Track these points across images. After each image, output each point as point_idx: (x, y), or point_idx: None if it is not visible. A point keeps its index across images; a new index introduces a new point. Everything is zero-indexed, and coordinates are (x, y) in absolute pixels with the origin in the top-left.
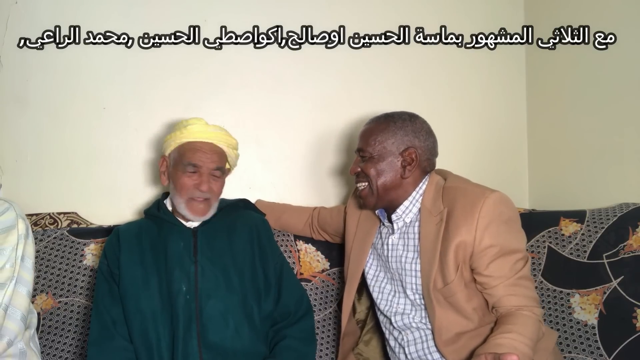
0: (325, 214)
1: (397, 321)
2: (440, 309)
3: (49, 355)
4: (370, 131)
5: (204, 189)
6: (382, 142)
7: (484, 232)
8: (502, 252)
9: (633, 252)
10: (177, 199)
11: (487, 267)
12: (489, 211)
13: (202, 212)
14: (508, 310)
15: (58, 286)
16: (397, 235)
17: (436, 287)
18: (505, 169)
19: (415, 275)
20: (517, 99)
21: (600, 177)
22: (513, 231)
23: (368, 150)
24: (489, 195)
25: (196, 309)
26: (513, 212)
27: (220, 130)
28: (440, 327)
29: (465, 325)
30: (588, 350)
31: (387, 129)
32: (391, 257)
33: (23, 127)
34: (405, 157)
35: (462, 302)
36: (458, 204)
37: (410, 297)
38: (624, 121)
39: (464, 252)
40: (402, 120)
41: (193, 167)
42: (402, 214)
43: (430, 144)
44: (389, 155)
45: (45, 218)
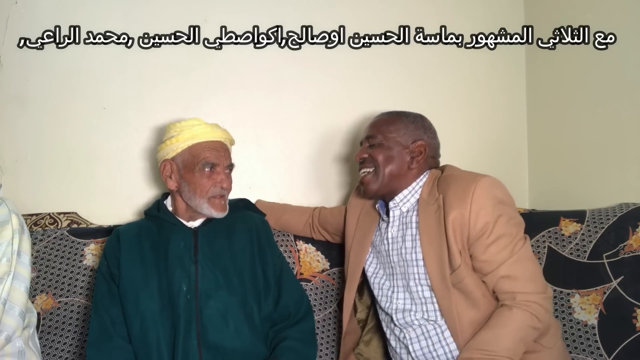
0: (326, 213)
1: (398, 319)
2: (454, 296)
3: (48, 355)
4: (382, 121)
5: (226, 185)
6: (394, 131)
7: (478, 214)
8: (497, 234)
9: (633, 252)
10: (196, 200)
11: (484, 251)
12: (482, 194)
13: (224, 207)
14: (502, 299)
15: (58, 286)
16: (396, 227)
17: (447, 275)
18: (505, 169)
19: (417, 264)
20: (517, 99)
21: (600, 177)
22: (507, 212)
23: (379, 137)
24: (481, 179)
25: (196, 309)
26: (506, 195)
27: (222, 128)
28: (454, 316)
29: (476, 313)
30: (588, 350)
31: (399, 121)
32: (392, 250)
33: (23, 127)
34: (414, 149)
35: (471, 287)
36: (450, 189)
37: (413, 289)
38: (624, 121)
39: (461, 235)
40: (414, 116)
41: (211, 166)
42: (399, 202)
43: (436, 143)
44: (399, 144)
45: (45, 218)
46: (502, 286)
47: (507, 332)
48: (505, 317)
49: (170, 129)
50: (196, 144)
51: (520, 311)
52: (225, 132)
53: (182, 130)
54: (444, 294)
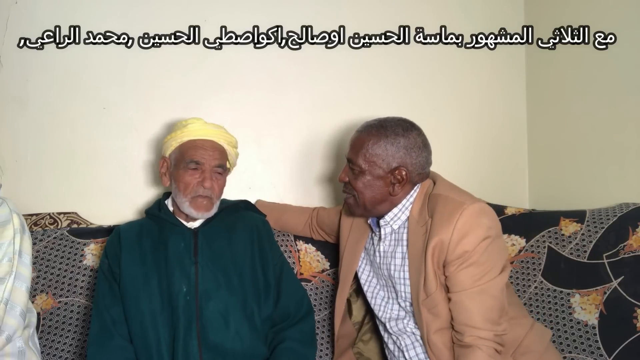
0: (324, 214)
1: (391, 327)
2: (428, 320)
3: (49, 355)
4: (361, 142)
5: (207, 185)
6: (372, 156)
7: (459, 242)
8: (471, 262)
9: (633, 252)
10: (180, 198)
11: (454, 274)
12: (467, 222)
13: (206, 208)
14: (454, 324)
15: (58, 286)
16: (387, 242)
17: (422, 299)
18: (505, 169)
19: (404, 283)
20: (517, 99)
21: (600, 177)
22: (490, 243)
23: (358, 163)
24: (468, 206)
25: (196, 310)
26: (493, 223)
27: (219, 128)
28: (429, 339)
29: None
30: (588, 350)
31: (378, 143)
32: (382, 264)
33: (23, 127)
34: (395, 175)
35: (444, 311)
36: (437, 212)
37: (402, 304)
38: (624, 121)
39: (438, 258)
40: (395, 134)
41: (195, 164)
42: (390, 220)
43: (422, 160)
44: (378, 170)
45: (45, 218)
46: (455, 314)
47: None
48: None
49: (172, 126)
50: (186, 141)
51: (477, 351)
52: (220, 132)
53: (178, 128)
54: (418, 316)
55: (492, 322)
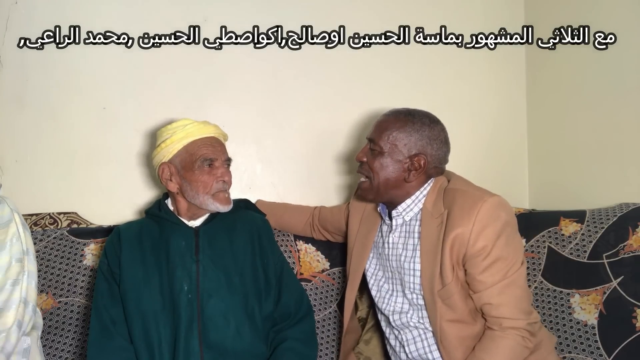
0: (327, 213)
1: (395, 320)
2: (442, 311)
3: (49, 355)
4: (387, 124)
5: (227, 179)
6: (395, 139)
7: (479, 234)
8: (495, 257)
9: (633, 252)
10: (200, 197)
11: (481, 272)
12: (486, 215)
13: (228, 200)
14: (489, 323)
15: (58, 286)
16: (397, 234)
17: (437, 289)
18: (505, 169)
19: (414, 274)
20: (517, 99)
21: (600, 177)
22: (509, 236)
23: (379, 144)
24: (488, 199)
25: (198, 309)
26: (511, 217)
27: (213, 124)
28: (441, 330)
29: (464, 328)
30: (588, 350)
31: (403, 128)
32: (391, 255)
33: (23, 127)
34: (413, 162)
35: (459, 303)
36: (456, 205)
37: (408, 296)
38: (624, 121)
39: (457, 251)
40: (422, 123)
41: (209, 161)
42: (402, 211)
43: (442, 154)
44: (398, 154)
45: (45, 218)
46: (488, 311)
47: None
48: (497, 343)
49: (163, 132)
50: (192, 142)
51: (511, 336)
52: (217, 127)
53: (174, 131)
54: (431, 306)
55: (524, 312)
